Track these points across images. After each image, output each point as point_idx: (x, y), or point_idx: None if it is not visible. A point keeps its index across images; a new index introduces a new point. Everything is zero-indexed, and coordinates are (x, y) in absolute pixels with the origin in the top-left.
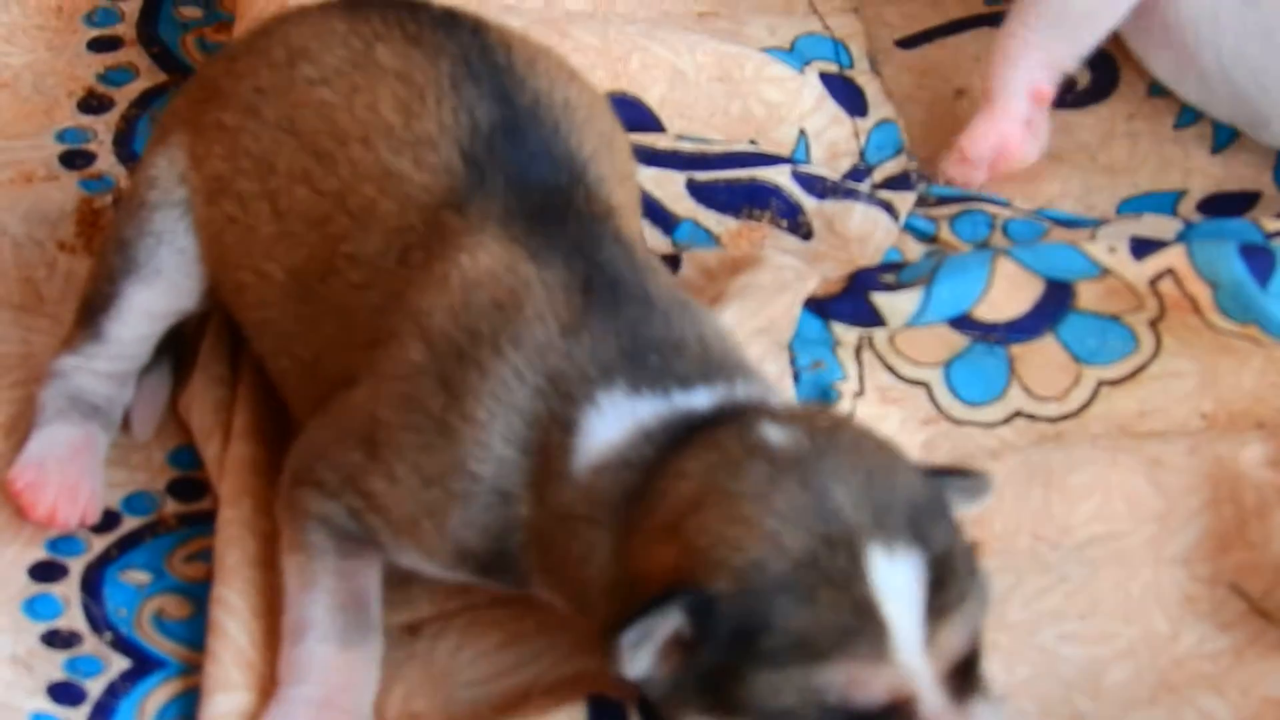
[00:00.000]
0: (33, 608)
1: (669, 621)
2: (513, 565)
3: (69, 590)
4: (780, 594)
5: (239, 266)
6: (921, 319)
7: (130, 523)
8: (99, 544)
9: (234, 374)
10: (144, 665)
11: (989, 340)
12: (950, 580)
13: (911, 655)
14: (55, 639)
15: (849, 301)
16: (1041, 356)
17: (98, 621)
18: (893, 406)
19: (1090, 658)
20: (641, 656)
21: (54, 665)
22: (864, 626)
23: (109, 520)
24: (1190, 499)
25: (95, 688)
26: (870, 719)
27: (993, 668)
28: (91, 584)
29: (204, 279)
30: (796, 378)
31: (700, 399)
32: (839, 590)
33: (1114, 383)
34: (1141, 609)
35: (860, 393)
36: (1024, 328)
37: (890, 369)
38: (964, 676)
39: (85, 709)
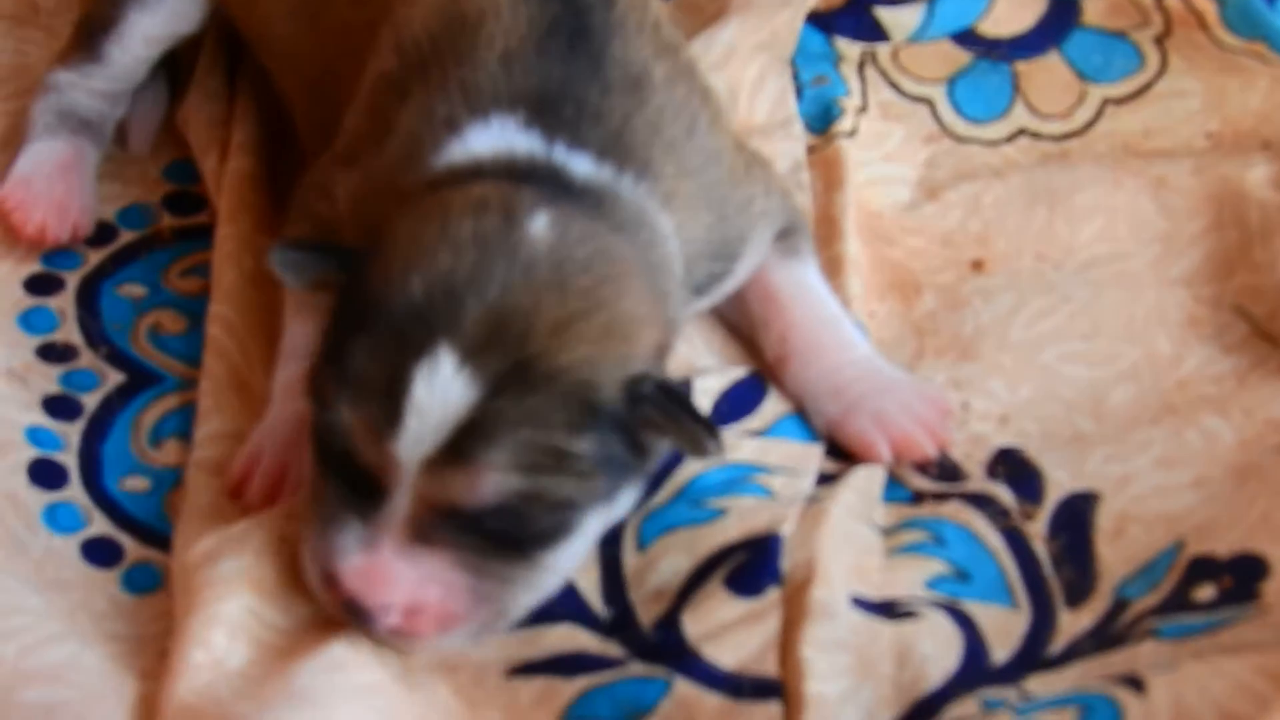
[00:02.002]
0: (28, 321)
1: (317, 261)
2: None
3: (65, 304)
4: (369, 323)
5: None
6: (925, 34)
7: (126, 236)
8: (95, 258)
9: (231, 89)
10: (140, 380)
11: (993, 57)
12: (492, 437)
13: (405, 455)
14: (51, 353)
15: (851, 15)
16: (1046, 74)
17: (93, 336)
18: (895, 123)
19: (1093, 379)
20: (287, 270)
21: (49, 379)
22: (387, 402)
23: (104, 234)
24: (1195, 221)
25: (91, 402)
26: (367, 482)
27: (995, 387)
28: (87, 298)
29: (206, 3)
30: (799, 93)
31: (580, 165)
32: (394, 359)
33: (1119, 101)
34: (1145, 331)
35: (863, 109)
36: (1028, 44)
37: (893, 85)
38: (463, 527)
39: (81, 423)
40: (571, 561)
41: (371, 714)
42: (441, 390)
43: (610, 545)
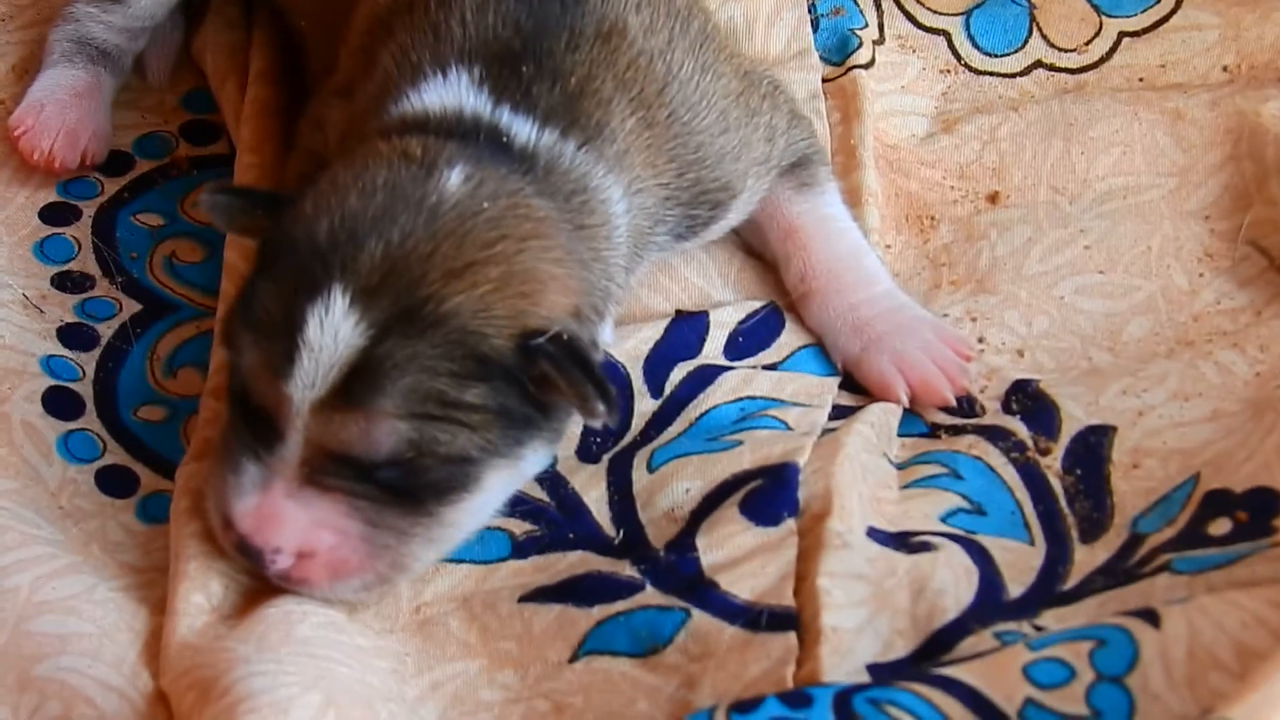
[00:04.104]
0: (44, 250)
1: (243, 206)
2: None
3: (81, 233)
4: (276, 264)
5: None
6: None
7: (143, 165)
8: (111, 187)
9: (248, 18)
10: (156, 309)
11: None
12: (379, 381)
13: (297, 395)
14: (67, 282)
15: None
16: (1062, 6)
17: (110, 265)
18: (912, 55)
19: (1108, 311)
20: (214, 213)
21: (65, 308)
22: (283, 341)
23: (121, 163)
24: (1211, 153)
25: (107, 331)
26: (264, 424)
27: (1011, 319)
28: (104, 227)
29: None
30: (815, 25)
31: (521, 128)
32: (292, 298)
33: (1135, 34)
34: (1160, 264)
35: (880, 40)
36: None
37: (910, 16)
38: (357, 475)
39: (96, 352)
40: (474, 518)
41: (372, 675)
42: (332, 330)
43: (620, 466)
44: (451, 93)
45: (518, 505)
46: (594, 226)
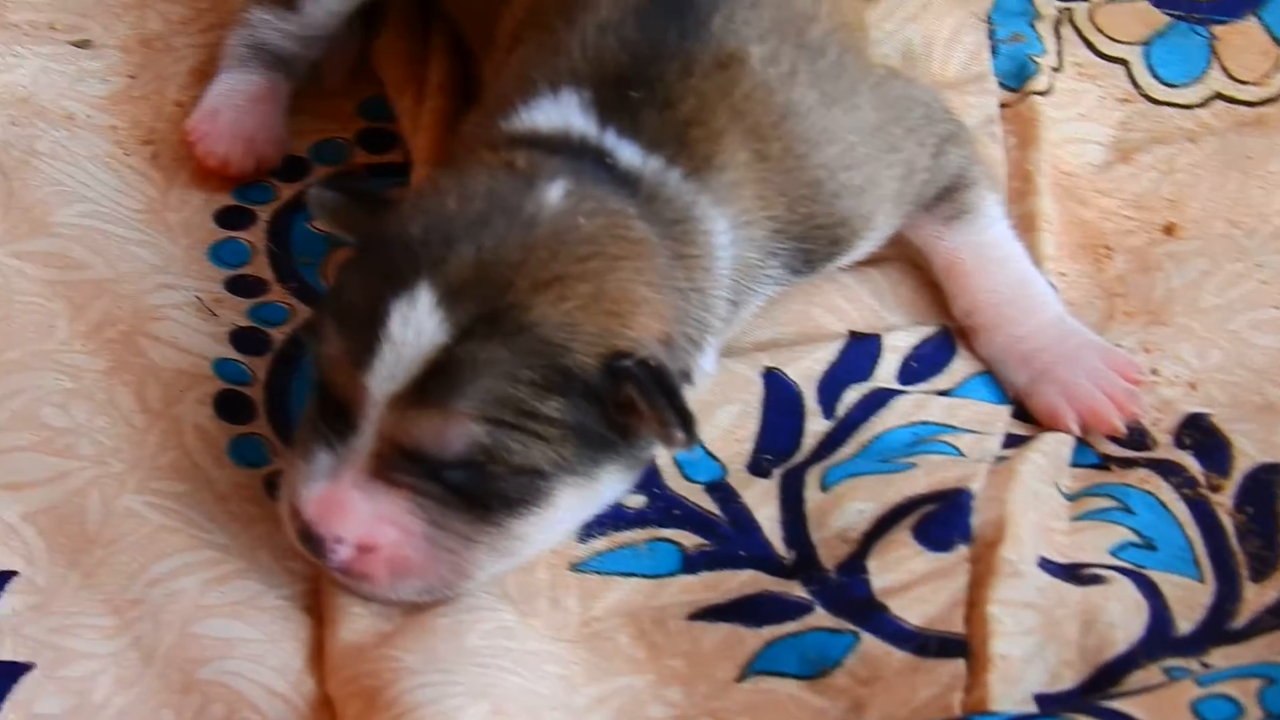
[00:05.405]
0: (219, 254)
1: (347, 205)
2: None
3: (255, 237)
4: (368, 258)
5: None
6: None
7: (319, 171)
8: (287, 192)
9: (425, 26)
10: None
11: (1190, 19)
12: (456, 381)
13: (375, 388)
14: (241, 286)
15: None
16: (1243, 38)
17: (283, 270)
18: (1090, 83)
19: None
20: (318, 211)
21: (238, 312)
22: (365, 333)
23: (297, 168)
24: None
25: (279, 336)
26: (341, 415)
27: (1184, 352)
28: (278, 232)
29: None
30: (994, 50)
31: (626, 153)
32: (379, 291)
33: None
34: None
35: (1058, 68)
36: (1226, 7)
37: (1089, 44)
38: (426, 474)
39: (268, 357)
40: (545, 534)
41: (541, 682)
42: (415, 326)
43: (792, 484)
44: (560, 113)
45: (689, 516)
46: (694, 256)
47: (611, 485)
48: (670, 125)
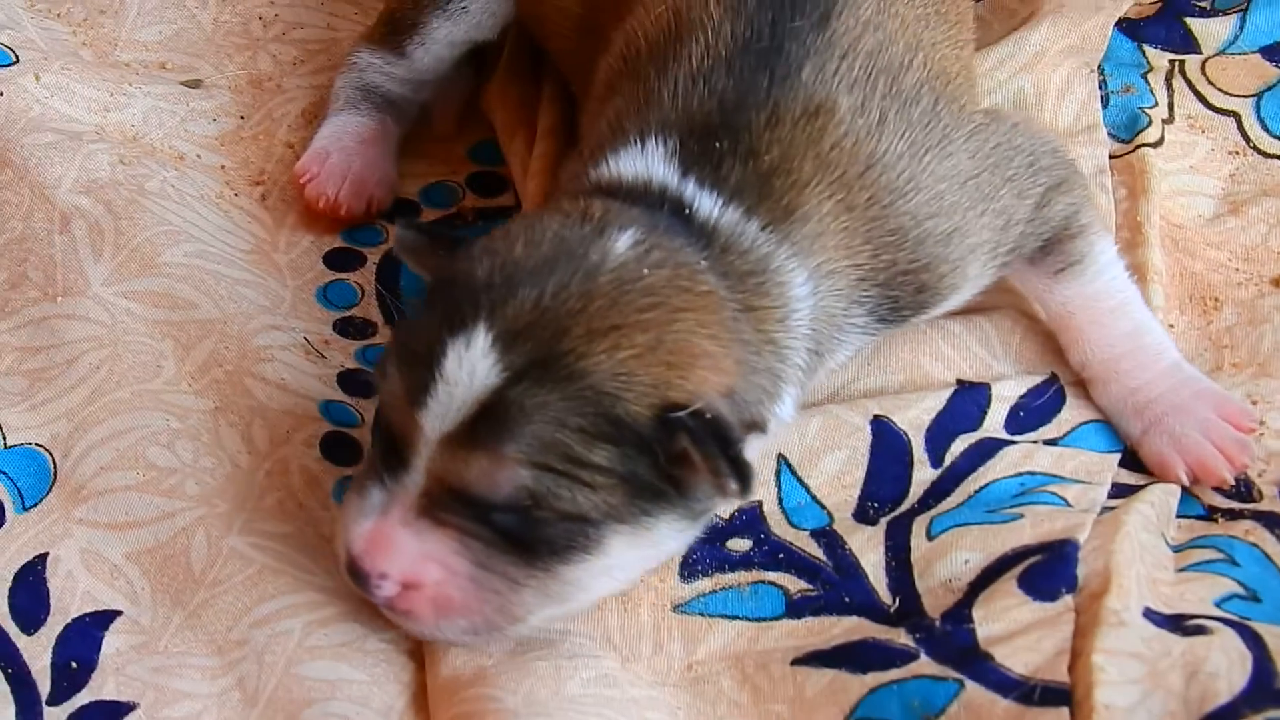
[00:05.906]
0: (327, 295)
1: (429, 246)
2: None
3: (364, 279)
4: (433, 298)
5: (540, 2)
6: (1235, 47)
7: (429, 214)
8: None
9: (537, 72)
10: None
11: None
12: (506, 424)
13: (428, 426)
14: (349, 327)
15: (1162, 24)
16: None
17: (392, 312)
18: (1201, 135)
19: None
20: (404, 252)
21: (346, 354)
22: (423, 371)
23: (406, 211)
24: None
25: None
26: (396, 452)
27: None
28: (387, 274)
29: (505, 15)
30: (1105, 101)
31: (705, 204)
32: (439, 331)
33: None
34: None
35: (1169, 119)
36: None
37: (1200, 97)
38: (474, 516)
39: (375, 400)
40: (599, 581)
41: None
42: (470, 367)
43: (898, 532)
44: (645, 162)
45: (793, 560)
46: (766, 308)
47: (669, 536)
48: (753, 175)
